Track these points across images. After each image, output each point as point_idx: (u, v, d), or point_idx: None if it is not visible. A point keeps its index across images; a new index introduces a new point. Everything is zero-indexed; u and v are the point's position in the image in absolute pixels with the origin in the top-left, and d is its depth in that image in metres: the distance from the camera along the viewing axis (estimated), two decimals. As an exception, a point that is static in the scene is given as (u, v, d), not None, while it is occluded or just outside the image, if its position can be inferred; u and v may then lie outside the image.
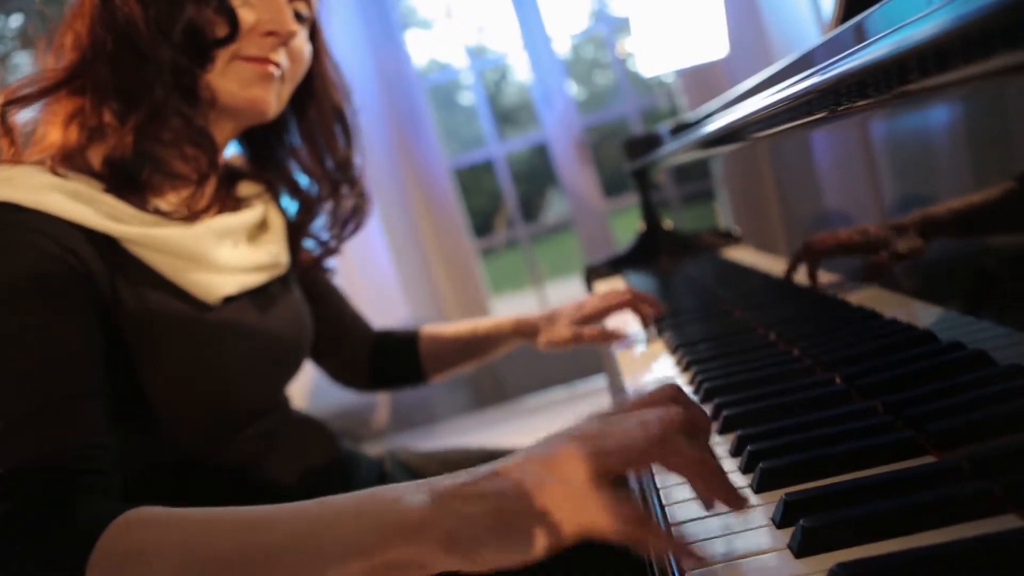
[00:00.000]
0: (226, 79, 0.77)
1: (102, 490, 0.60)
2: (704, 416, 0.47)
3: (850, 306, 0.71)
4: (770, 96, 0.66)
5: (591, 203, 3.07)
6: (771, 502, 0.47)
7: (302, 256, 0.98)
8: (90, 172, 0.73)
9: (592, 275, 1.70)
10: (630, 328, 1.07)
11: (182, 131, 0.75)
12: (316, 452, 0.90)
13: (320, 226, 0.99)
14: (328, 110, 0.94)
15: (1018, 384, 0.45)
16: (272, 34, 0.79)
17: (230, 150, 0.93)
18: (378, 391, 1.15)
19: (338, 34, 2.71)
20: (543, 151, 3.12)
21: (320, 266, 1.02)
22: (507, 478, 0.44)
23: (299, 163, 0.95)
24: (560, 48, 3.09)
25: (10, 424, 0.59)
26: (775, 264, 0.94)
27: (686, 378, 0.79)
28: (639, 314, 1.06)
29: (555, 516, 0.42)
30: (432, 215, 3.04)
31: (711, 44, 2.35)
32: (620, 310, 1.06)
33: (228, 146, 0.88)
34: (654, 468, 0.57)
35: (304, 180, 0.97)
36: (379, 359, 1.11)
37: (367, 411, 2.90)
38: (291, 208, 0.97)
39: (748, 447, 0.53)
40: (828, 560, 0.39)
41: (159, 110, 0.73)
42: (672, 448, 0.43)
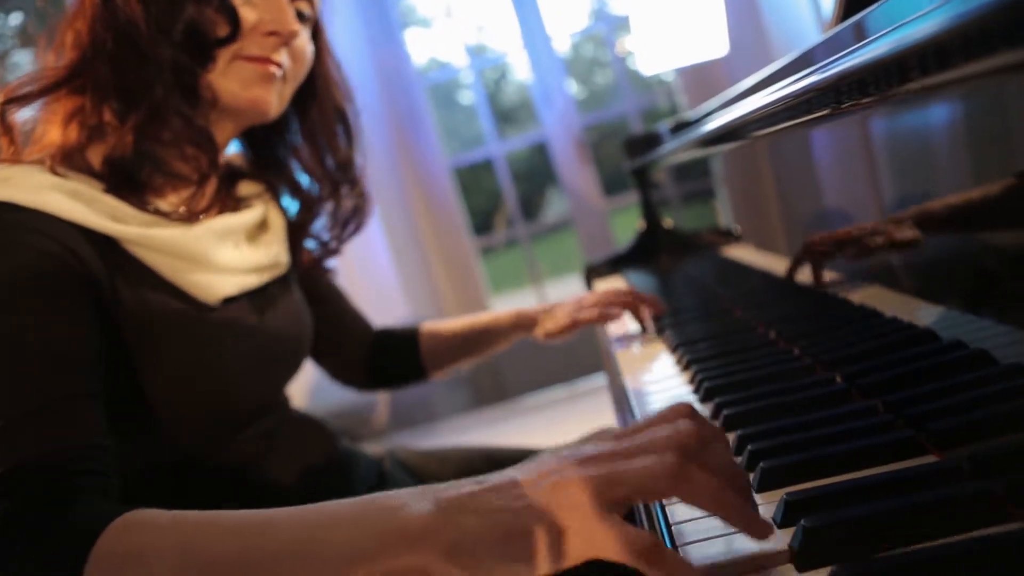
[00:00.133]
0: (227, 79, 0.77)
1: (101, 491, 0.59)
2: (718, 431, 0.46)
3: (851, 305, 0.71)
4: (770, 94, 0.66)
5: (591, 202, 3.07)
6: (772, 502, 0.46)
7: (303, 256, 0.98)
8: (90, 172, 0.73)
9: (592, 274, 1.70)
10: (629, 323, 1.07)
11: (182, 131, 0.75)
12: (315, 451, 0.90)
13: (321, 226, 0.99)
14: (330, 110, 0.93)
15: (1019, 383, 0.45)
16: (274, 34, 0.78)
17: (231, 149, 0.92)
18: (378, 390, 1.15)
19: (338, 33, 2.70)
20: (543, 150, 3.12)
21: (320, 266, 1.01)
22: (515, 494, 0.43)
23: (300, 163, 0.95)
24: (560, 47, 3.08)
25: (9, 424, 0.58)
26: (775, 263, 0.94)
27: (686, 377, 0.79)
28: (637, 317, 1.06)
29: (562, 538, 0.41)
30: (432, 214, 3.04)
31: (711, 43, 2.34)
32: (618, 309, 1.06)
33: (229, 145, 0.88)
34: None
35: (305, 180, 0.96)
36: (379, 357, 1.10)
37: (367, 410, 2.90)
38: (292, 208, 0.97)
39: (748, 446, 0.53)
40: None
41: (159, 109, 0.73)
42: (686, 478, 0.41)
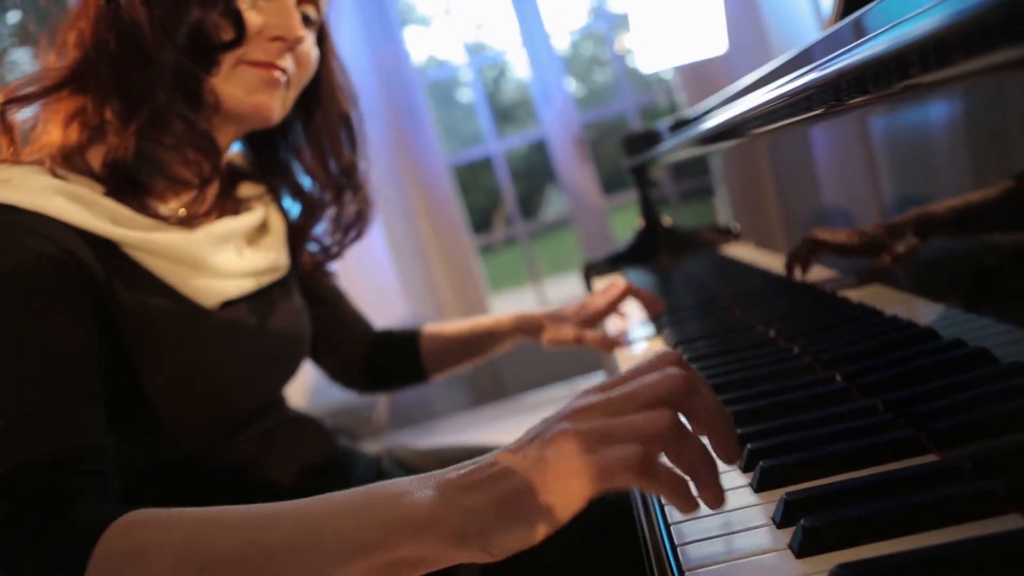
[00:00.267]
0: (231, 84, 0.76)
1: (101, 492, 0.59)
2: (702, 377, 0.46)
3: (850, 303, 0.71)
4: (769, 92, 0.65)
5: (590, 200, 3.06)
6: (771, 501, 0.46)
7: (303, 259, 0.98)
8: (90, 173, 0.72)
9: (591, 272, 1.69)
10: (631, 329, 1.07)
11: (184, 135, 0.74)
12: (314, 451, 0.90)
13: (322, 230, 0.98)
14: (335, 116, 0.93)
15: (1020, 382, 0.45)
16: (279, 39, 0.77)
17: (232, 148, 0.92)
18: (377, 392, 1.15)
19: (336, 31, 2.70)
20: (542, 148, 3.12)
21: (321, 270, 1.01)
22: (506, 461, 0.44)
23: (303, 165, 0.94)
24: (559, 45, 3.08)
25: (8, 424, 0.58)
26: (774, 261, 0.94)
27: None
28: (639, 300, 1.06)
29: (559, 488, 0.41)
30: (431, 212, 3.04)
31: (710, 40, 2.34)
32: (620, 302, 1.06)
33: (230, 148, 0.87)
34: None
35: (307, 182, 0.96)
36: (379, 358, 1.10)
37: (367, 409, 2.90)
38: (293, 210, 0.97)
39: (748, 446, 0.53)
40: (829, 560, 0.38)
41: (161, 113, 0.72)
42: (653, 473, 0.41)
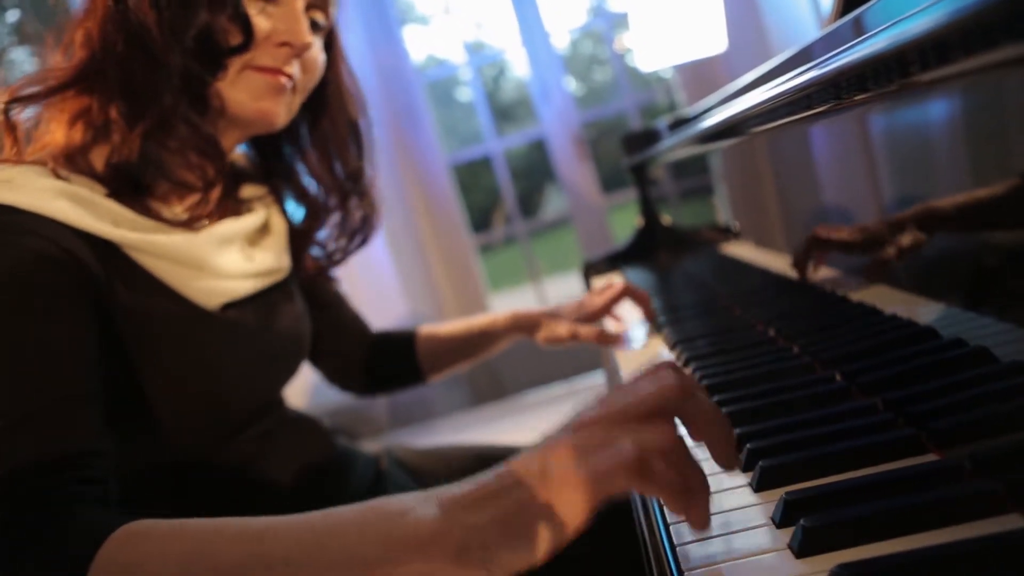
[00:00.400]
0: (236, 89, 0.76)
1: (99, 498, 0.59)
2: (698, 383, 0.46)
3: (850, 302, 0.71)
4: (769, 90, 0.65)
5: (589, 199, 3.06)
6: (771, 501, 0.46)
7: (307, 264, 0.97)
8: (92, 175, 0.72)
9: (590, 271, 1.69)
10: (630, 327, 1.07)
11: (189, 139, 0.74)
12: (313, 451, 0.90)
13: (326, 235, 0.98)
14: (342, 122, 0.92)
15: (1020, 381, 0.45)
16: (286, 45, 0.77)
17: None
18: (375, 395, 1.14)
19: (335, 30, 2.69)
20: (541, 147, 3.12)
21: (325, 274, 1.01)
22: (510, 480, 0.43)
23: (308, 169, 0.94)
24: (558, 44, 3.08)
25: (8, 425, 0.58)
26: (774, 260, 0.93)
27: (685, 375, 0.78)
28: (635, 301, 1.06)
29: (561, 501, 0.41)
30: (430, 211, 3.04)
31: (710, 39, 2.34)
32: (618, 302, 1.06)
33: (234, 151, 0.87)
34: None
35: (312, 186, 0.95)
36: (377, 361, 1.10)
37: (366, 408, 2.90)
38: (296, 213, 0.96)
39: (747, 445, 0.52)
40: (829, 560, 0.38)
41: (167, 116, 0.72)
42: (648, 473, 0.41)
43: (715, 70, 2.64)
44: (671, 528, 0.47)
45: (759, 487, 0.48)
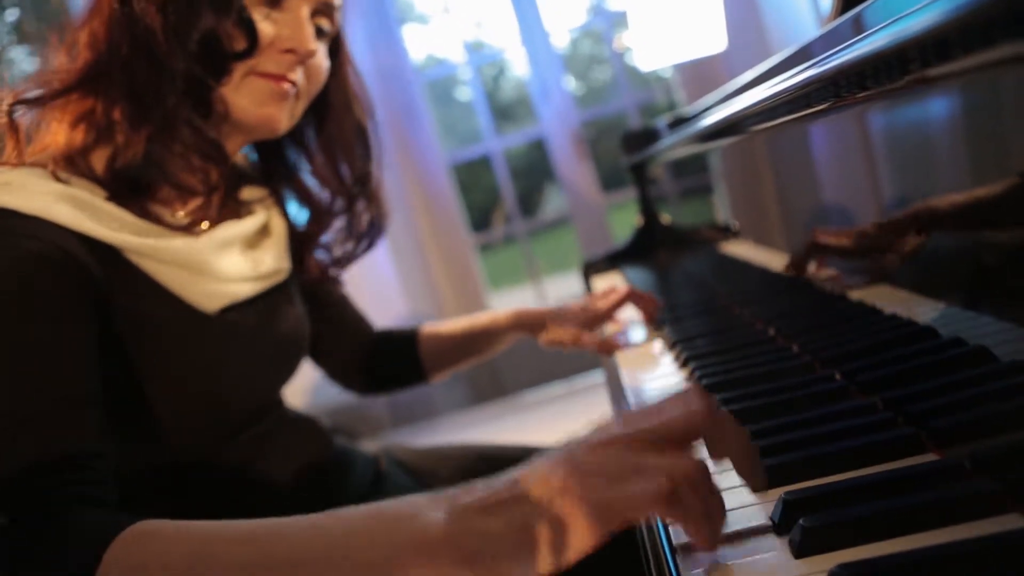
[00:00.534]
0: (240, 94, 0.76)
1: (99, 499, 0.59)
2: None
3: (850, 301, 0.71)
4: (769, 88, 0.65)
5: (589, 198, 3.06)
6: (770, 501, 0.46)
7: (311, 268, 0.97)
8: (92, 177, 0.71)
9: (590, 270, 1.69)
10: (630, 334, 1.06)
11: (192, 143, 0.73)
12: (312, 450, 0.90)
13: (332, 239, 0.97)
14: (349, 126, 0.92)
15: (1020, 380, 0.45)
16: (291, 51, 0.77)
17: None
18: (377, 394, 1.14)
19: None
20: (541, 146, 3.12)
21: (330, 278, 1.00)
22: (524, 489, 0.42)
23: (314, 171, 0.93)
24: (558, 43, 3.08)
25: (7, 427, 0.58)
26: (774, 259, 0.93)
27: (684, 374, 0.78)
28: (638, 306, 1.05)
29: (579, 521, 0.41)
30: (430, 211, 3.04)
31: (709, 38, 2.34)
32: (621, 306, 1.06)
33: (237, 153, 0.87)
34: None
35: (315, 187, 0.95)
36: (379, 361, 1.10)
37: (366, 407, 2.90)
38: (300, 216, 0.96)
39: (746, 445, 0.52)
40: (828, 560, 0.38)
41: (170, 120, 0.71)
42: (678, 503, 0.41)
43: (715, 69, 2.63)
44: (670, 528, 0.47)
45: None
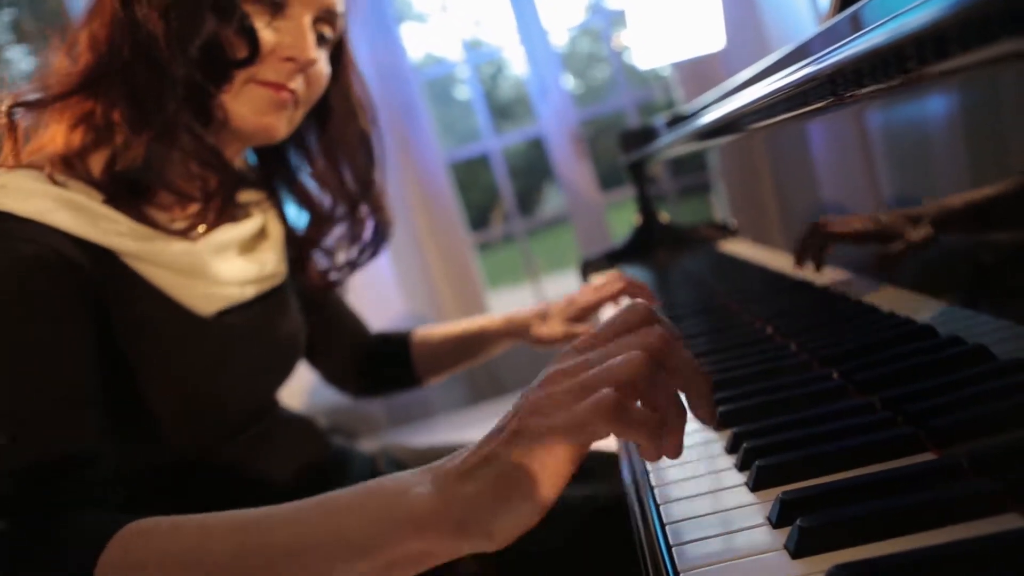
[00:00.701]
0: (239, 102, 0.75)
1: (100, 499, 0.59)
2: (677, 331, 0.47)
3: (848, 300, 0.70)
4: (767, 86, 0.65)
5: (587, 197, 3.06)
6: (767, 500, 0.46)
7: (312, 274, 0.96)
8: (89, 180, 0.71)
9: (588, 269, 1.69)
10: None
11: (191, 149, 0.73)
12: (309, 451, 0.90)
13: (333, 245, 0.97)
14: (352, 131, 0.91)
15: (1019, 379, 0.44)
16: (291, 60, 0.76)
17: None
18: (372, 396, 1.14)
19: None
20: (539, 145, 3.11)
21: (329, 285, 1.00)
22: (494, 442, 0.44)
23: (316, 176, 0.93)
24: (556, 41, 3.08)
25: (7, 428, 0.58)
26: (772, 257, 0.93)
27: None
28: (633, 297, 1.04)
29: (545, 454, 0.41)
30: (428, 209, 3.03)
31: (707, 36, 2.34)
32: (614, 300, 1.04)
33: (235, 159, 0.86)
34: (648, 467, 0.56)
35: (316, 191, 0.95)
36: (373, 364, 1.10)
37: (364, 407, 2.90)
38: (300, 220, 0.95)
39: (744, 444, 0.52)
40: (826, 560, 0.38)
41: (170, 126, 0.71)
42: (625, 417, 0.41)
43: (713, 67, 2.63)
44: (667, 527, 0.47)
45: (755, 486, 0.48)
